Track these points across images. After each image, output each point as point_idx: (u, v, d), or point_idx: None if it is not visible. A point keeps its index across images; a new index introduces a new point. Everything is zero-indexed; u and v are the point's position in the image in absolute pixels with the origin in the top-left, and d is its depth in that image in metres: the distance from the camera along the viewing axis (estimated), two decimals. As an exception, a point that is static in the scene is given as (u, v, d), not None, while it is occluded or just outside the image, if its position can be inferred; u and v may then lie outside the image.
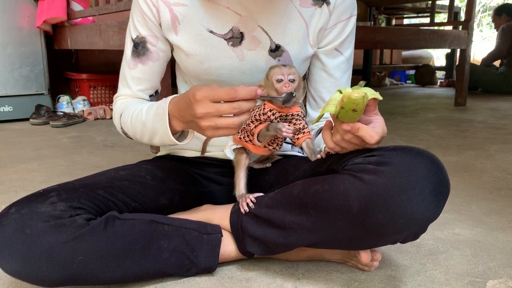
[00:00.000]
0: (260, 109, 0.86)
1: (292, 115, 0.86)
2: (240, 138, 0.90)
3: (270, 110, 0.85)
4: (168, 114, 0.83)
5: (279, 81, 0.83)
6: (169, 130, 0.83)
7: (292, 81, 0.84)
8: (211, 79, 0.95)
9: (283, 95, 0.82)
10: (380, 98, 0.74)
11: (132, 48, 0.96)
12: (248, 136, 0.88)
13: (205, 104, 0.73)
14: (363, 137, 0.74)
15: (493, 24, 4.73)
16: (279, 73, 0.83)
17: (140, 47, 0.95)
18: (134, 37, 0.96)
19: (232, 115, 0.73)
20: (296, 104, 0.86)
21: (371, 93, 0.73)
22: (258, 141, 0.87)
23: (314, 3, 0.94)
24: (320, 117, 0.78)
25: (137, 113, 0.91)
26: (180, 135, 0.88)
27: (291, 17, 0.93)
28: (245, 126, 0.89)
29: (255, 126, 0.86)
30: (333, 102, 0.73)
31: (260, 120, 0.86)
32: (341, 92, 0.74)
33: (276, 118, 0.85)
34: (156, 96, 1.02)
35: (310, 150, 0.87)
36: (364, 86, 0.76)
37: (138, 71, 0.97)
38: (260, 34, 0.92)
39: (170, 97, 0.84)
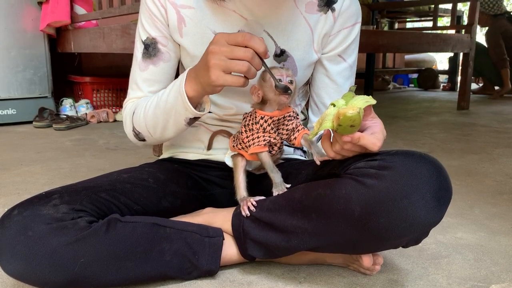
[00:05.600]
0: (252, 118, 0.87)
1: (284, 117, 0.87)
2: (233, 146, 0.92)
3: (262, 118, 0.85)
4: (186, 78, 0.83)
5: (279, 81, 0.83)
6: (185, 94, 0.82)
7: (291, 82, 0.84)
8: None
9: (281, 83, 0.82)
10: (374, 102, 0.74)
11: (142, 50, 0.96)
12: (241, 144, 0.89)
13: (221, 42, 0.75)
14: (365, 145, 0.74)
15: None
16: (278, 73, 0.83)
17: (150, 48, 0.95)
18: (144, 38, 0.96)
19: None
20: (290, 104, 0.86)
21: (364, 101, 0.73)
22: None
23: (320, 9, 0.94)
24: (316, 134, 0.78)
25: (152, 100, 0.91)
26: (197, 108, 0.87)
27: (296, 23, 0.93)
28: (238, 134, 0.90)
29: (247, 137, 0.87)
30: (329, 117, 0.74)
31: (253, 130, 0.86)
32: (334, 105, 0.74)
33: (269, 125, 0.85)
34: None
35: (309, 143, 0.87)
36: (355, 91, 0.77)
37: (150, 72, 0.97)
38: (265, 39, 0.92)
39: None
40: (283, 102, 0.85)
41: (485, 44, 4.40)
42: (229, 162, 0.96)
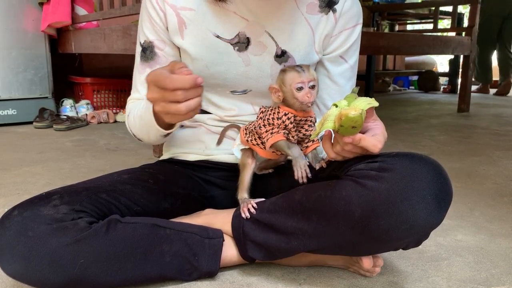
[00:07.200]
0: (274, 113, 0.83)
1: (306, 120, 0.84)
2: (247, 140, 0.89)
3: (285, 114, 0.82)
4: None
5: (300, 89, 0.80)
6: (153, 117, 0.83)
7: (313, 87, 0.81)
8: (217, 83, 0.95)
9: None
10: (376, 104, 0.75)
11: (140, 52, 0.98)
12: (256, 139, 0.88)
13: (152, 89, 0.71)
14: (366, 147, 0.74)
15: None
16: (299, 80, 0.80)
17: (148, 51, 0.96)
18: (142, 41, 0.97)
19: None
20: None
21: (367, 103, 0.73)
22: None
23: (321, 10, 0.94)
24: (318, 133, 0.78)
25: (138, 109, 0.94)
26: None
27: (297, 23, 0.94)
28: (255, 128, 0.88)
29: (267, 131, 0.84)
30: (331, 117, 0.74)
31: (273, 124, 0.83)
32: (336, 106, 0.74)
33: (291, 123, 0.83)
34: None
35: (315, 158, 0.87)
36: (357, 93, 0.77)
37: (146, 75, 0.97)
38: (266, 40, 0.93)
39: None
40: (306, 109, 0.83)
41: None
42: (237, 153, 0.95)
